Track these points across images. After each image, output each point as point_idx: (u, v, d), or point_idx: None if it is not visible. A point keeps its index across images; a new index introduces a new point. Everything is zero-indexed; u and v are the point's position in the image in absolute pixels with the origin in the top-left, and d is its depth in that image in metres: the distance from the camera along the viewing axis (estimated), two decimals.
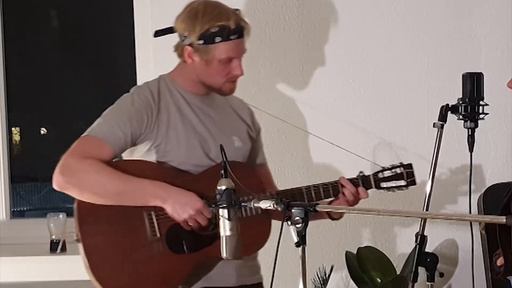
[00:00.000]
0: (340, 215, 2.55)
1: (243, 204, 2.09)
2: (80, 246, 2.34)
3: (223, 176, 2.10)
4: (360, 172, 2.52)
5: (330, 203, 2.49)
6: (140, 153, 2.42)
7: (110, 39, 3.89)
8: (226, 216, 2.05)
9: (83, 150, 2.33)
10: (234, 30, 2.38)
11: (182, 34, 2.41)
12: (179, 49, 2.45)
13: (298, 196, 2.43)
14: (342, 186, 2.47)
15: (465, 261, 3.00)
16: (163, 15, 3.26)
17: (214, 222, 2.32)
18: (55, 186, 2.34)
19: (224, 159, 2.12)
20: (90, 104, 3.91)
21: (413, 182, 2.53)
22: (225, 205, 2.04)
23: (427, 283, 2.17)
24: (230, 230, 2.06)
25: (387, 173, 2.52)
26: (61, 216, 3.43)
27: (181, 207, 2.30)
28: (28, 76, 3.86)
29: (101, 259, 2.33)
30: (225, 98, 2.57)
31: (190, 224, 2.32)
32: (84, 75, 3.93)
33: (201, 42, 2.37)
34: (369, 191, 2.50)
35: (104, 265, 2.33)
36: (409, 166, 2.54)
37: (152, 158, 2.41)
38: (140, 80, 3.40)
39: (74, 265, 3.32)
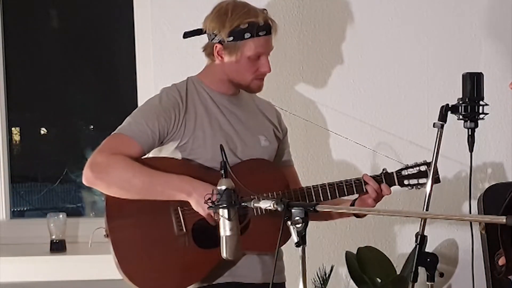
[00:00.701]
0: (364, 214, 2.59)
1: (243, 204, 2.09)
2: (109, 241, 2.39)
3: (223, 176, 2.11)
4: (383, 169, 2.54)
5: (354, 201, 2.53)
6: (167, 152, 2.47)
7: (110, 39, 3.89)
8: (226, 216, 2.05)
9: (112, 147, 2.40)
10: (262, 26, 2.45)
11: (212, 32, 2.47)
12: (208, 48, 2.51)
13: (322, 193, 2.47)
14: (365, 183, 2.50)
15: (465, 261, 3.00)
16: (163, 15, 3.27)
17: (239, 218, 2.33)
18: (84, 181, 2.40)
19: (224, 159, 2.13)
20: (90, 104, 3.91)
21: (437, 180, 2.52)
22: (225, 205, 2.04)
23: (427, 283, 2.17)
24: (230, 230, 2.06)
25: (410, 171, 2.55)
26: (61, 216, 3.43)
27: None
28: (28, 76, 3.86)
29: (128, 253, 2.39)
30: (252, 99, 2.64)
31: (215, 218, 2.32)
32: (84, 75, 3.92)
33: (230, 39, 2.43)
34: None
35: (132, 259, 2.39)
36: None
37: (179, 156, 2.46)
38: (140, 80, 3.40)
39: (74, 265, 3.35)
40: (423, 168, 2.54)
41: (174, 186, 2.36)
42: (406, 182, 2.54)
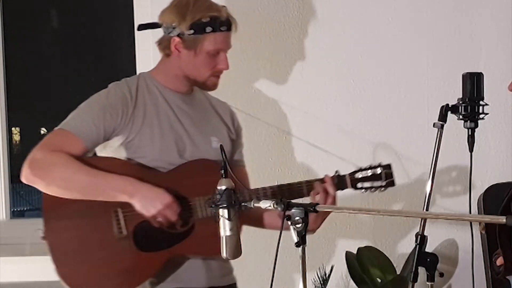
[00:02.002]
0: (313, 229, 2.43)
1: (243, 204, 2.09)
2: (46, 243, 2.32)
3: (223, 176, 2.10)
4: (336, 171, 2.49)
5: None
6: (112, 148, 2.39)
7: (110, 39, 3.89)
8: (226, 216, 2.05)
9: (53, 143, 2.32)
10: (224, 22, 2.40)
11: (170, 25, 2.40)
12: (163, 42, 2.45)
13: (271, 195, 2.39)
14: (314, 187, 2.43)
15: (465, 261, 3.00)
16: None
17: (183, 220, 2.31)
18: (22, 179, 2.33)
19: (224, 158, 2.12)
20: None
21: (391, 183, 2.49)
22: (225, 205, 2.04)
23: (427, 283, 2.17)
24: (230, 230, 2.06)
25: (364, 173, 2.48)
26: None
27: (150, 202, 2.27)
28: (28, 76, 3.86)
29: (65, 255, 2.31)
30: (207, 98, 2.56)
31: (159, 220, 2.29)
32: (84, 75, 3.93)
33: (191, 32, 2.37)
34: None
35: (68, 262, 2.31)
36: (388, 166, 2.50)
37: (124, 153, 2.37)
38: None
39: None
40: (378, 170, 2.48)
41: (117, 187, 2.28)
42: (359, 185, 2.47)
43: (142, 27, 2.52)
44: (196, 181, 2.34)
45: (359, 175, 2.48)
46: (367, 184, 2.48)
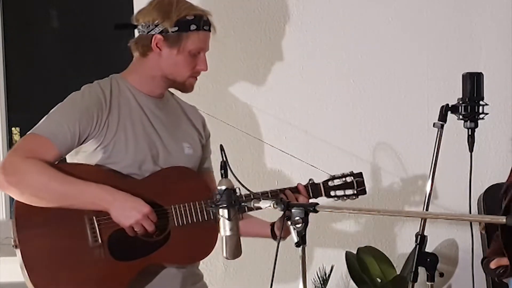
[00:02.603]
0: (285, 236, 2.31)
1: (243, 204, 2.09)
2: (18, 252, 2.27)
3: (223, 176, 2.10)
4: (310, 179, 2.49)
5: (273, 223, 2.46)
6: (85, 153, 2.34)
7: (110, 39, 3.89)
8: (226, 216, 2.05)
9: (27, 149, 2.25)
10: (206, 21, 2.39)
11: (151, 23, 2.37)
12: (141, 41, 2.41)
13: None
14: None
15: (465, 261, 3.00)
16: None
17: (159, 228, 2.28)
18: None
19: (224, 159, 2.12)
20: None
21: (363, 192, 2.50)
22: (225, 205, 2.04)
23: (427, 283, 2.17)
24: (230, 230, 2.05)
25: (337, 182, 2.49)
26: None
27: (128, 211, 2.24)
28: (28, 76, 3.86)
29: (39, 264, 2.25)
30: (178, 103, 2.53)
31: (136, 229, 2.26)
32: (84, 75, 3.92)
33: (175, 29, 2.34)
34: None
35: (42, 271, 2.25)
36: (359, 175, 2.51)
37: (98, 158, 2.33)
38: None
39: None
40: (349, 179, 2.49)
41: (93, 195, 2.23)
42: (332, 193, 2.48)
43: (120, 26, 2.49)
44: (172, 189, 2.32)
45: (332, 183, 2.49)
46: (339, 193, 2.49)
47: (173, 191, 2.31)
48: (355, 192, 2.50)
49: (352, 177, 2.50)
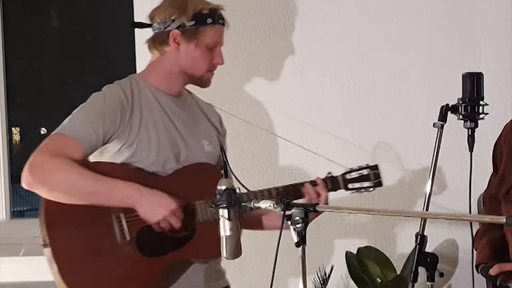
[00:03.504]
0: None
1: (243, 204, 2.09)
2: (48, 251, 2.28)
3: (223, 176, 2.10)
4: (329, 173, 2.50)
5: None
6: (110, 153, 2.36)
7: (110, 39, 3.89)
8: (226, 216, 2.05)
9: (53, 148, 2.27)
10: (221, 16, 2.43)
11: (168, 19, 2.38)
12: (158, 39, 2.41)
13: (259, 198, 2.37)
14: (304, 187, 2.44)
15: (465, 261, 3.00)
16: None
17: (185, 224, 2.29)
18: (23, 184, 2.30)
19: (224, 159, 2.12)
20: None
21: (379, 184, 2.52)
22: (225, 205, 2.04)
23: (427, 283, 2.17)
24: (230, 230, 2.05)
25: (353, 174, 2.51)
26: None
27: (155, 208, 2.25)
28: (28, 76, 3.86)
29: (70, 263, 2.26)
30: (196, 101, 2.56)
31: (163, 226, 2.28)
32: (84, 75, 3.93)
33: (192, 23, 2.37)
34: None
35: (73, 269, 2.26)
36: (375, 167, 2.53)
37: (122, 158, 2.35)
38: None
39: None
40: (365, 171, 2.51)
41: (121, 192, 2.25)
42: (350, 186, 2.50)
43: (137, 25, 2.49)
44: (196, 185, 2.34)
45: (350, 176, 2.51)
46: (357, 185, 2.51)
47: (197, 187, 2.33)
48: (372, 184, 2.52)
49: (368, 170, 2.52)
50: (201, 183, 2.34)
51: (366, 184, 2.52)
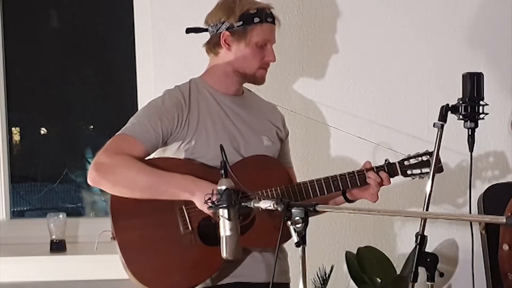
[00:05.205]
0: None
1: (243, 204, 2.09)
2: (116, 243, 2.40)
3: (223, 176, 2.10)
4: (386, 159, 2.56)
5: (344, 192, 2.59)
6: (171, 152, 2.49)
7: (110, 39, 3.89)
8: (226, 216, 2.05)
9: (116, 147, 2.42)
10: (269, 14, 2.53)
11: (218, 22, 2.51)
12: (212, 41, 2.54)
13: (325, 185, 2.49)
14: (367, 171, 2.54)
15: (465, 261, 3.00)
16: (163, 15, 3.27)
17: (244, 213, 2.35)
18: (89, 181, 2.42)
19: (224, 159, 2.13)
20: (90, 104, 3.91)
21: (440, 169, 2.55)
22: (225, 205, 2.04)
23: (427, 283, 2.17)
24: (230, 230, 2.06)
25: (412, 161, 2.57)
26: (61, 216, 3.43)
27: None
28: (28, 76, 3.86)
29: (135, 253, 2.39)
30: (256, 100, 2.68)
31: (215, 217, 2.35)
32: (84, 75, 3.93)
33: (240, 23, 2.48)
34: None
35: (139, 259, 2.39)
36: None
37: (182, 156, 2.48)
38: (139, 80, 3.40)
39: (74, 265, 3.35)
40: (425, 158, 2.56)
41: (178, 185, 2.37)
42: (409, 172, 2.56)
43: (190, 30, 2.59)
44: (254, 176, 2.42)
45: (408, 162, 2.57)
46: (416, 171, 2.57)
47: (256, 178, 2.42)
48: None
49: (428, 156, 2.56)
50: (259, 174, 2.46)
51: (425, 169, 2.55)
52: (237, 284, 2.47)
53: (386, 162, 2.57)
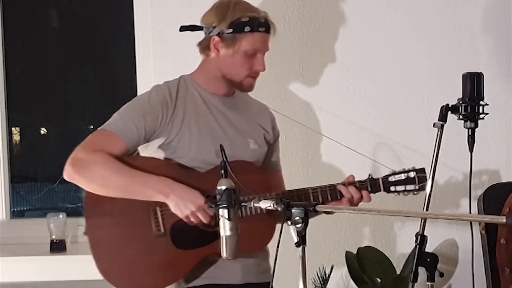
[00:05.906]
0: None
1: (243, 204, 2.09)
2: (87, 239, 2.40)
3: (223, 176, 2.10)
4: (369, 174, 2.51)
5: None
6: (153, 148, 2.47)
7: (110, 39, 3.89)
8: (226, 216, 2.05)
9: (95, 143, 2.39)
10: (263, 23, 2.47)
11: (211, 25, 2.47)
12: (203, 43, 2.51)
13: (304, 198, 2.43)
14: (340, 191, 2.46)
15: (465, 261, 3.00)
16: (163, 15, 3.27)
17: (216, 220, 2.32)
18: (65, 176, 2.40)
19: (224, 159, 2.13)
20: (90, 104, 3.92)
21: (423, 188, 2.49)
22: (225, 205, 2.04)
23: (427, 283, 2.17)
24: (230, 230, 2.06)
25: (397, 177, 2.51)
26: (61, 216, 3.43)
27: (183, 203, 2.34)
28: (28, 76, 3.86)
29: (105, 251, 2.39)
30: (246, 101, 2.63)
31: (192, 220, 2.36)
32: (84, 75, 3.93)
33: (230, 30, 2.43)
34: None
35: (108, 258, 2.38)
36: (422, 170, 2.51)
37: (164, 153, 2.45)
38: (140, 80, 3.40)
39: (74, 265, 3.34)
40: (411, 174, 2.50)
41: (153, 187, 2.34)
42: (392, 188, 2.50)
43: (184, 28, 2.56)
44: (233, 181, 2.37)
45: (393, 178, 2.51)
46: (400, 188, 2.51)
47: (235, 183, 2.35)
48: (417, 187, 2.50)
49: (414, 172, 2.50)
50: (238, 179, 2.37)
51: (410, 187, 2.50)
52: (210, 286, 2.44)
53: (370, 177, 2.50)
